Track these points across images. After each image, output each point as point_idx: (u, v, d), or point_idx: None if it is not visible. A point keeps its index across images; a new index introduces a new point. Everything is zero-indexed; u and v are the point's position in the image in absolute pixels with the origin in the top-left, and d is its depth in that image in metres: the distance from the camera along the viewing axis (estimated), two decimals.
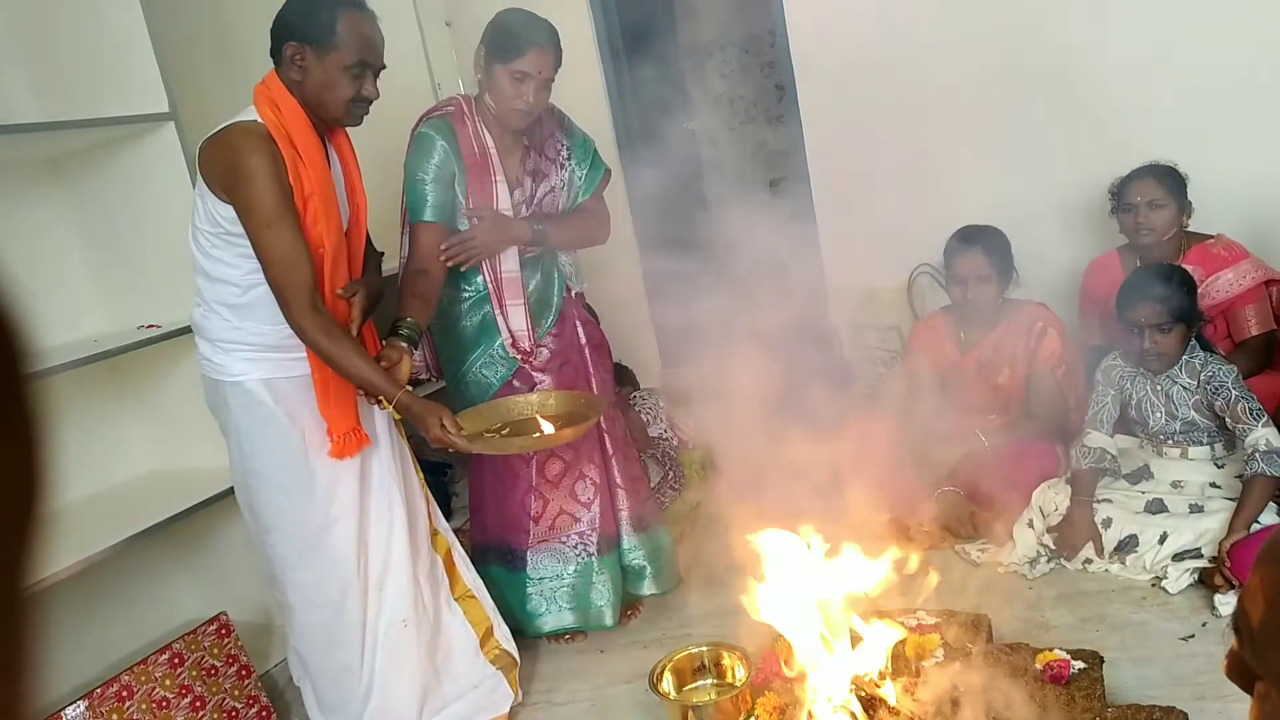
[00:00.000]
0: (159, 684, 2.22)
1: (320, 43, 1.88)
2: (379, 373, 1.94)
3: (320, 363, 1.97)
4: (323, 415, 2.00)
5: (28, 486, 0.31)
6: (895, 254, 3.56)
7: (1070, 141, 3.26)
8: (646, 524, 2.67)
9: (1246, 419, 2.40)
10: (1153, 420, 2.60)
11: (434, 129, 2.35)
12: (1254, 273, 2.79)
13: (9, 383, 0.31)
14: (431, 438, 1.99)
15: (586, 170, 2.53)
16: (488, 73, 2.32)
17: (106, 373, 2.52)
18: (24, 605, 0.31)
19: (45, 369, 2.13)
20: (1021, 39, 3.26)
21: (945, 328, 3.01)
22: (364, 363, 1.92)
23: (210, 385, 2.02)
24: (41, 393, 0.32)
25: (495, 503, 2.57)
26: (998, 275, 2.83)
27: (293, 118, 1.89)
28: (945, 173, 3.47)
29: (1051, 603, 2.43)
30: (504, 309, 2.46)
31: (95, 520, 2.30)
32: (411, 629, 2.14)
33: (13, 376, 0.31)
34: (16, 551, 0.31)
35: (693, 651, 2.20)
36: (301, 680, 2.21)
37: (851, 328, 3.76)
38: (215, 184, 1.87)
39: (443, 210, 2.35)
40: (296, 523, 2.03)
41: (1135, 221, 2.83)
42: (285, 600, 2.10)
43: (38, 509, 0.32)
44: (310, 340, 1.91)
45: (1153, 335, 2.46)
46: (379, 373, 1.94)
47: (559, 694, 2.42)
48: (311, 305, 1.88)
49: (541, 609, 2.54)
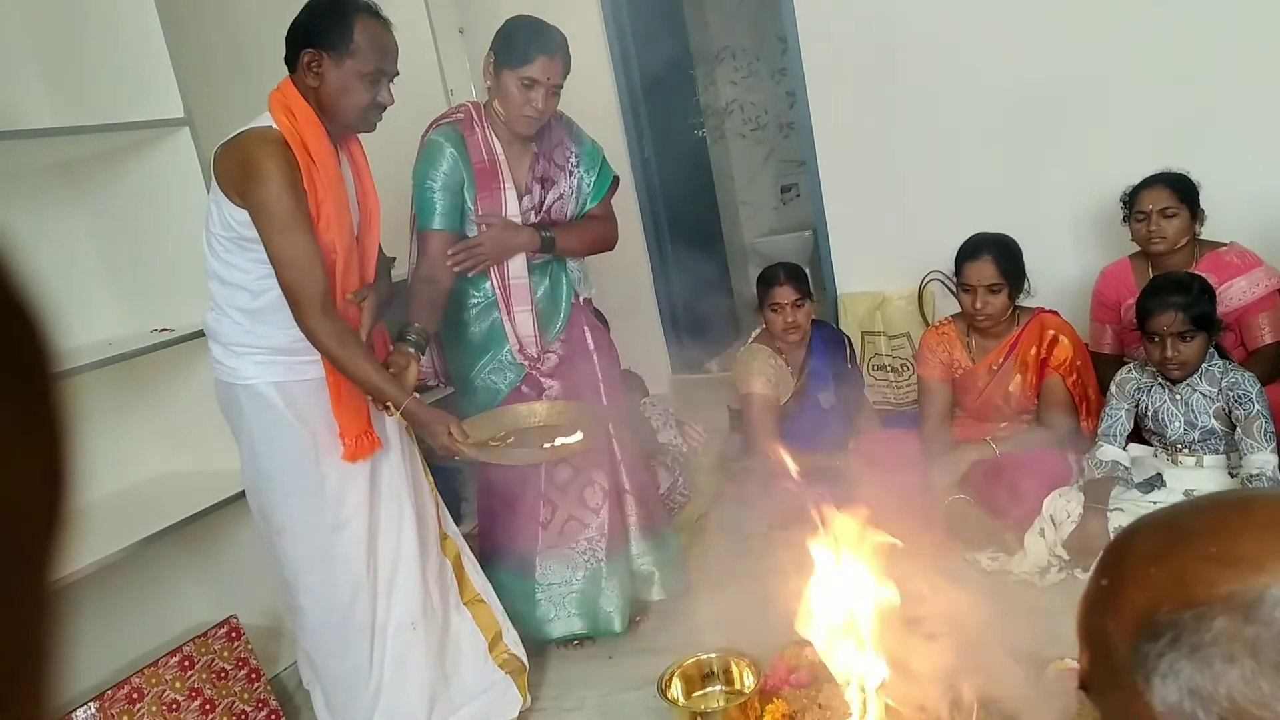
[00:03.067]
0: (169, 686, 2.23)
1: (338, 50, 1.89)
2: (387, 379, 1.95)
3: (332, 367, 1.98)
4: (336, 418, 2.02)
5: (55, 484, 0.32)
6: (906, 261, 3.55)
7: (1082, 149, 3.26)
8: (655, 530, 2.67)
9: (1258, 439, 2.39)
10: (1170, 430, 2.58)
11: (443, 136, 2.36)
12: (1267, 280, 2.78)
13: (36, 382, 0.31)
14: (438, 445, 1.99)
15: (595, 177, 2.54)
16: (497, 79, 2.33)
17: (120, 376, 2.54)
18: (51, 602, 0.32)
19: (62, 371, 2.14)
20: (1033, 47, 3.26)
21: (956, 336, 3.00)
22: (372, 369, 1.94)
23: (223, 388, 2.03)
24: (67, 392, 0.33)
25: (504, 508, 2.58)
26: (1008, 283, 2.82)
27: (307, 124, 1.91)
28: (956, 180, 3.47)
29: (1062, 612, 2.41)
30: (511, 315, 2.46)
31: (107, 522, 2.32)
32: (420, 632, 2.14)
33: (40, 376, 0.31)
34: (44, 549, 0.31)
35: (701, 658, 2.20)
36: (311, 684, 2.22)
37: (862, 335, 3.75)
38: (230, 189, 1.88)
39: (451, 218, 2.36)
40: (307, 526, 2.04)
41: (1147, 230, 2.82)
42: (295, 603, 2.10)
43: (64, 506, 0.32)
44: (321, 344, 1.92)
45: (1174, 344, 2.45)
46: (387, 379, 1.95)
47: (568, 699, 2.41)
48: (323, 310, 1.89)
49: (550, 614, 2.54)
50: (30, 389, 0.31)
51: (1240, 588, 0.59)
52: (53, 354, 0.32)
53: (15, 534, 0.30)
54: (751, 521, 2.88)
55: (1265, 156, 3.03)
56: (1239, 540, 0.61)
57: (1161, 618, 0.61)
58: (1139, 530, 0.69)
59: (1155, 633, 0.61)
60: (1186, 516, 0.67)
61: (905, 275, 3.59)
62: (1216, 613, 0.59)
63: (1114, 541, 0.70)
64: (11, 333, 0.30)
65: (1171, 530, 0.66)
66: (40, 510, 0.31)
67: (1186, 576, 0.62)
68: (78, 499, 0.32)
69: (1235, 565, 0.60)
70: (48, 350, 0.31)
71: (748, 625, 2.27)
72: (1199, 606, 0.60)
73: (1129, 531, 0.70)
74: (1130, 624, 0.63)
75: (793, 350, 3.19)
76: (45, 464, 0.31)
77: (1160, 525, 0.68)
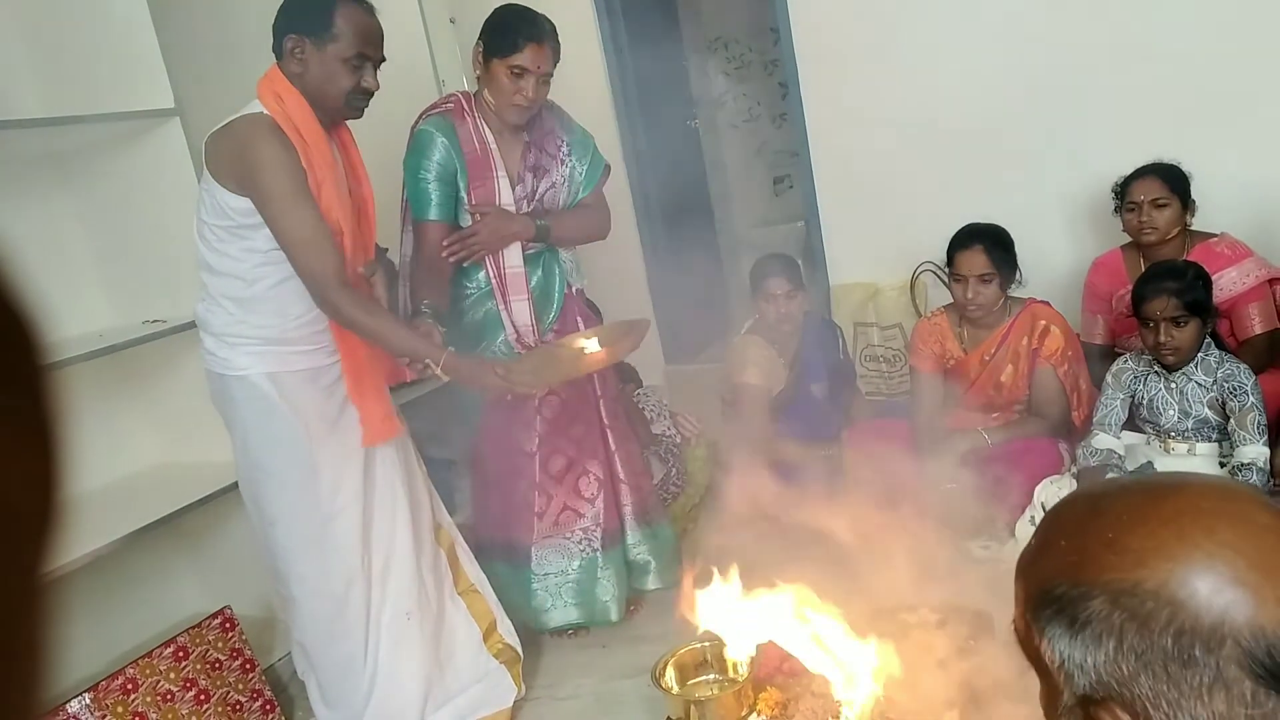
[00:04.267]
0: (163, 677, 2.23)
1: (319, 35, 1.89)
2: (421, 338, 1.96)
3: (350, 351, 1.98)
4: (355, 404, 2.03)
5: (46, 477, 0.32)
6: (898, 252, 3.56)
7: (1074, 140, 3.26)
8: (650, 519, 2.68)
9: (1251, 431, 2.41)
10: (1164, 418, 2.60)
11: (434, 126, 2.36)
12: (1257, 271, 2.79)
13: (26, 375, 0.31)
14: (490, 386, 1.98)
15: (587, 166, 2.54)
16: (486, 68, 2.32)
17: (112, 367, 2.53)
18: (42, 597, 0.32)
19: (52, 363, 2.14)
20: (1025, 37, 3.26)
21: (948, 326, 3.01)
22: (405, 330, 1.96)
23: (214, 379, 2.03)
24: (57, 384, 0.33)
25: (499, 499, 2.58)
26: (1000, 274, 2.83)
27: (297, 107, 1.91)
28: (949, 171, 3.47)
29: None
30: (508, 304, 2.46)
31: (100, 514, 2.31)
32: (415, 622, 2.15)
33: (30, 369, 0.31)
34: (36, 542, 0.31)
35: (696, 647, 2.21)
36: (306, 674, 2.22)
37: (854, 326, 3.76)
38: (225, 176, 1.87)
39: (446, 207, 2.36)
40: (300, 516, 2.04)
41: (1138, 220, 2.83)
42: (289, 593, 2.11)
43: (56, 500, 0.32)
44: (347, 316, 1.91)
45: (1168, 329, 2.46)
46: (421, 338, 1.96)
47: (562, 688, 2.42)
48: (341, 283, 1.90)
49: (547, 604, 2.55)
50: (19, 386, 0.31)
51: (1119, 576, 0.64)
52: (42, 350, 0.31)
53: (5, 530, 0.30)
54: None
55: (1256, 147, 3.04)
56: (1134, 531, 0.65)
57: (1054, 589, 0.67)
58: (1073, 500, 0.74)
59: (1046, 601, 0.68)
60: (1110, 497, 0.70)
61: (898, 266, 3.60)
62: (1095, 595, 0.65)
63: (1054, 505, 0.75)
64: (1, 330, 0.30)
65: (1093, 508, 0.69)
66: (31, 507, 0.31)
67: (1082, 557, 0.67)
68: (69, 492, 0.32)
69: (1122, 554, 0.64)
70: (37, 346, 0.31)
71: None
72: (1083, 586, 0.65)
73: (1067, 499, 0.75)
74: (1034, 587, 0.70)
75: (785, 341, 3.20)
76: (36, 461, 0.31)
77: (1087, 500, 0.72)
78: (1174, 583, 0.62)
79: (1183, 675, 0.61)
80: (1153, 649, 0.62)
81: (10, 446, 0.30)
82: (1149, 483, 0.77)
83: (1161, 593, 0.62)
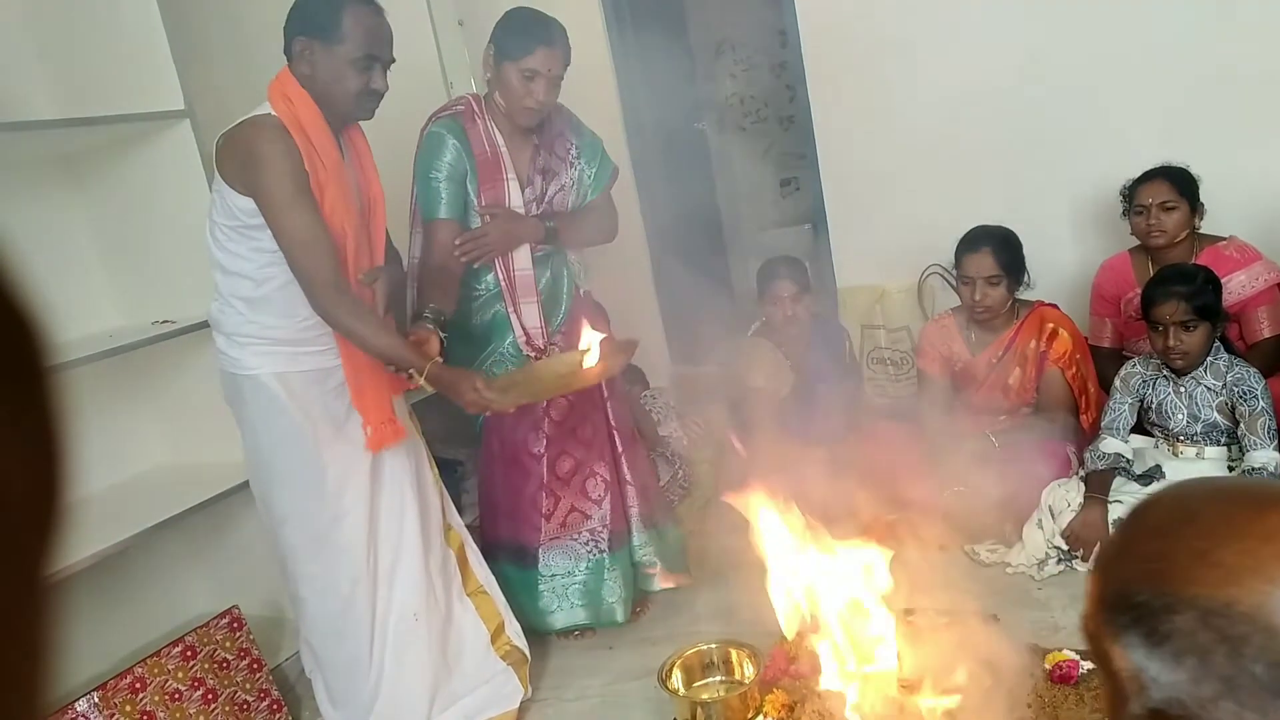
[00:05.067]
0: (171, 676, 2.24)
1: (327, 36, 1.90)
2: (408, 347, 1.96)
3: (351, 355, 1.99)
4: (357, 408, 2.04)
5: (50, 480, 0.32)
6: (906, 254, 3.55)
7: (1082, 143, 3.25)
8: (656, 520, 2.68)
9: (1261, 435, 2.40)
10: (1174, 422, 2.59)
11: (444, 128, 2.36)
12: (1266, 274, 2.78)
13: (30, 378, 0.31)
14: (467, 402, 1.98)
15: (595, 169, 2.55)
16: (497, 71, 2.33)
17: (121, 368, 2.54)
18: (46, 597, 0.32)
19: (61, 364, 2.15)
20: (1034, 39, 3.25)
21: (955, 329, 3.01)
22: (392, 338, 1.95)
23: (227, 379, 2.04)
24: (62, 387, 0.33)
25: (506, 501, 2.58)
26: (1008, 276, 2.83)
27: (306, 110, 1.92)
28: (956, 174, 3.46)
29: (1061, 604, 2.42)
30: (517, 307, 2.47)
31: (110, 514, 2.32)
32: (422, 623, 2.15)
33: (34, 371, 0.31)
34: (39, 544, 0.31)
35: (702, 648, 2.21)
36: (313, 673, 2.23)
37: (862, 328, 3.76)
38: (233, 177, 1.89)
39: (456, 208, 2.36)
40: (307, 515, 2.05)
41: (1147, 223, 2.82)
42: (297, 592, 2.12)
43: (60, 502, 0.32)
44: (337, 322, 1.92)
45: (1177, 333, 2.45)
46: (408, 347, 1.96)
47: (569, 690, 2.43)
48: (336, 288, 1.90)
49: (554, 606, 2.55)
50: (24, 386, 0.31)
51: (1209, 593, 0.59)
52: (46, 351, 0.31)
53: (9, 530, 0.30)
54: None
55: (1265, 151, 3.03)
56: (1229, 545, 0.60)
57: (1134, 595, 0.62)
58: (1161, 498, 0.69)
59: (1124, 607, 0.63)
60: (1200, 499, 0.66)
61: (905, 269, 3.59)
62: (1180, 609, 0.60)
63: (1144, 500, 0.70)
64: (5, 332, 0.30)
65: (1182, 510, 0.65)
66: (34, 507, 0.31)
67: (1169, 565, 0.62)
68: (78, 491, 0.32)
69: (1214, 568, 0.59)
70: (41, 348, 0.31)
71: (748, 616, 2.28)
72: (1168, 598, 0.60)
73: (1154, 498, 0.69)
74: (1112, 589, 0.65)
75: (792, 343, 3.19)
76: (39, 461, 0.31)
77: (1176, 502, 0.67)
78: (1271, 606, 0.57)
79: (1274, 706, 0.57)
80: (1241, 675, 0.57)
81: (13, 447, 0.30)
82: (1248, 491, 0.72)
83: (1257, 617, 0.57)
